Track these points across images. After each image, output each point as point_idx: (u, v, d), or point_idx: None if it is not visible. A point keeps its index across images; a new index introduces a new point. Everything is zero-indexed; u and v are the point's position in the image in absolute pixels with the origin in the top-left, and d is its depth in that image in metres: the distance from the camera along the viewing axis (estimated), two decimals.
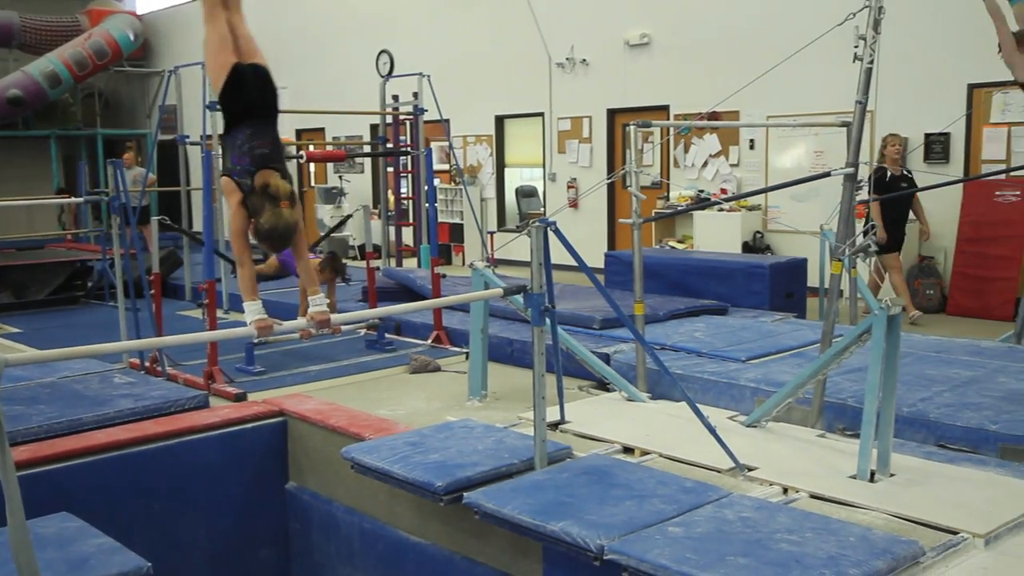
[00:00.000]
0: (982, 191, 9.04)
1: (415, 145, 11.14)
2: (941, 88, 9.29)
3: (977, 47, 8.88)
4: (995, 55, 7.81)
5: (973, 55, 8.95)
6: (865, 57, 4.58)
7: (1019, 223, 8.81)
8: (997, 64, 8.36)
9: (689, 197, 11.21)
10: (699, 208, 10.75)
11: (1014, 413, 4.71)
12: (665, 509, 3.68)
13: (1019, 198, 8.82)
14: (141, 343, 5.65)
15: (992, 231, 8.96)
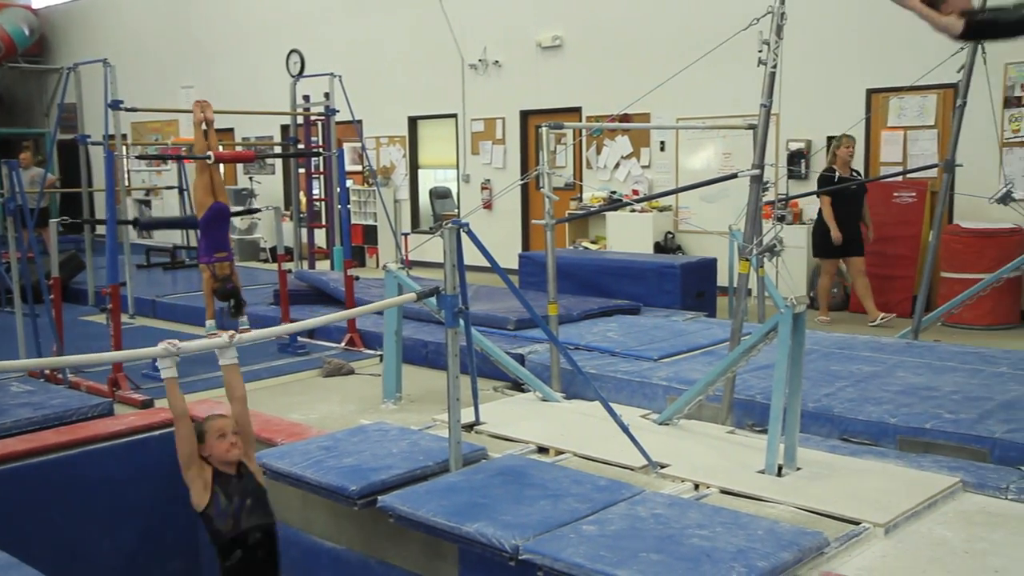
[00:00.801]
0: (881, 192, 9.35)
1: (327, 146, 10.98)
2: (841, 93, 9.59)
3: (874, 54, 9.21)
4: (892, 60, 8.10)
5: (871, 61, 9.27)
6: (769, 62, 4.70)
7: (916, 223, 9.15)
8: (894, 70, 8.69)
9: (602, 198, 11.33)
10: (611, 209, 10.87)
11: (912, 406, 4.89)
12: (579, 508, 3.71)
13: (915, 199, 9.16)
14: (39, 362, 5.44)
15: (891, 231, 9.28)
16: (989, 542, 3.53)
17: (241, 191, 15.45)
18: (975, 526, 3.68)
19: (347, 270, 7.35)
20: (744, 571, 3.13)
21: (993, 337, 7.77)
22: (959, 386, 5.27)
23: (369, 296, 7.59)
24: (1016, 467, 4.23)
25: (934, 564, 3.37)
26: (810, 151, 9.88)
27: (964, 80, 6.78)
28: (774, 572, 3.18)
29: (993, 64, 7.04)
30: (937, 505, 3.89)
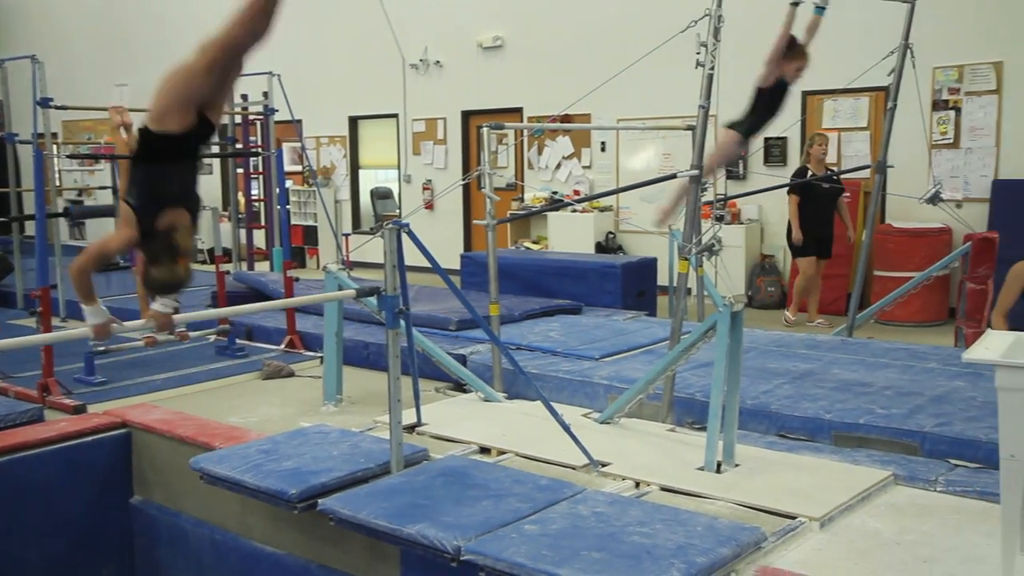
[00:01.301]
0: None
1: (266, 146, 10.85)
2: None
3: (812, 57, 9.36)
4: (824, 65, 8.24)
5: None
6: (706, 63, 4.76)
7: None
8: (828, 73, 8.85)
9: (543, 198, 11.37)
10: (553, 209, 10.92)
11: (846, 402, 4.99)
12: (521, 507, 3.71)
13: (849, 199, 9.33)
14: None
15: None
16: (919, 533, 3.62)
17: None
18: (906, 518, 3.77)
19: (287, 271, 7.27)
20: (684, 567, 3.16)
21: (923, 334, 7.96)
22: (891, 382, 5.39)
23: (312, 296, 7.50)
24: (945, 460, 4.34)
25: (866, 556, 3.45)
26: (748, 152, 10.01)
27: (894, 83, 6.94)
28: (713, 568, 3.22)
29: (922, 68, 7.23)
30: (870, 498, 3.97)
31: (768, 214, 10.09)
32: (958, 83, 8.74)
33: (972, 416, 4.65)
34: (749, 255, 9.94)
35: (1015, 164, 8.51)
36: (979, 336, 3.55)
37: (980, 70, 8.58)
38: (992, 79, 8.55)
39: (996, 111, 8.59)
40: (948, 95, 8.82)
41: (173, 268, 3.63)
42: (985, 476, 4.04)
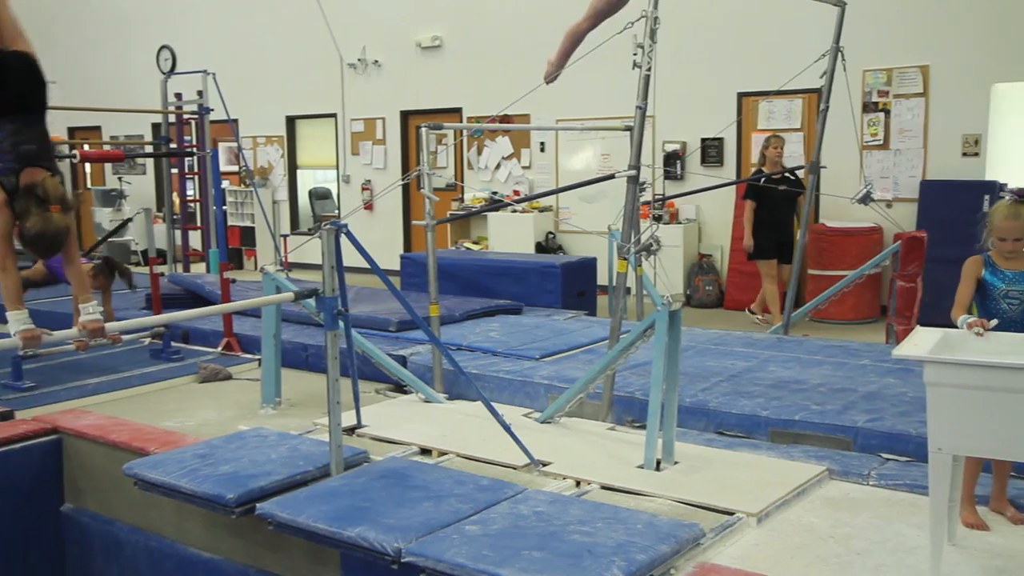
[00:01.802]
0: None
1: (201, 146, 10.70)
2: (714, 96, 9.88)
3: (745, 58, 9.52)
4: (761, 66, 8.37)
5: (742, 66, 9.58)
6: (643, 65, 4.80)
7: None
8: (763, 74, 8.99)
9: (483, 199, 11.37)
10: (493, 209, 10.92)
11: (782, 399, 5.07)
12: (462, 508, 3.71)
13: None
14: None
15: None
16: (852, 527, 3.69)
17: (110, 192, 14.89)
18: (840, 511, 3.85)
19: (223, 272, 7.16)
20: (624, 565, 3.18)
21: (856, 331, 8.13)
22: (825, 379, 5.50)
23: (247, 299, 7.40)
24: (877, 454, 4.44)
25: (802, 550, 3.51)
26: (685, 152, 10.14)
27: (826, 86, 7.08)
28: (652, 565, 3.25)
29: (852, 71, 7.39)
30: (806, 493, 4.05)
31: (706, 214, 10.22)
32: (887, 86, 8.95)
33: (903, 411, 4.76)
34: (687, 254, 10.07)
35: (941, 165, 8.75)
36: (909, 333, 3.64)
37: (908, 73, 8.80)
38: (919, 82, 8.77)
39: (923, 113, 8.82)
40: (878, 97, 9.03)
41: (46, 216, 3.66)
42: (915, 469, 4.14)
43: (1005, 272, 3.64)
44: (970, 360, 3.21)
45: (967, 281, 3.68)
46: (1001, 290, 3.63)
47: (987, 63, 8.39)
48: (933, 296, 7.55)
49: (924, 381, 3.20)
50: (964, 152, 8.64)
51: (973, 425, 3.14)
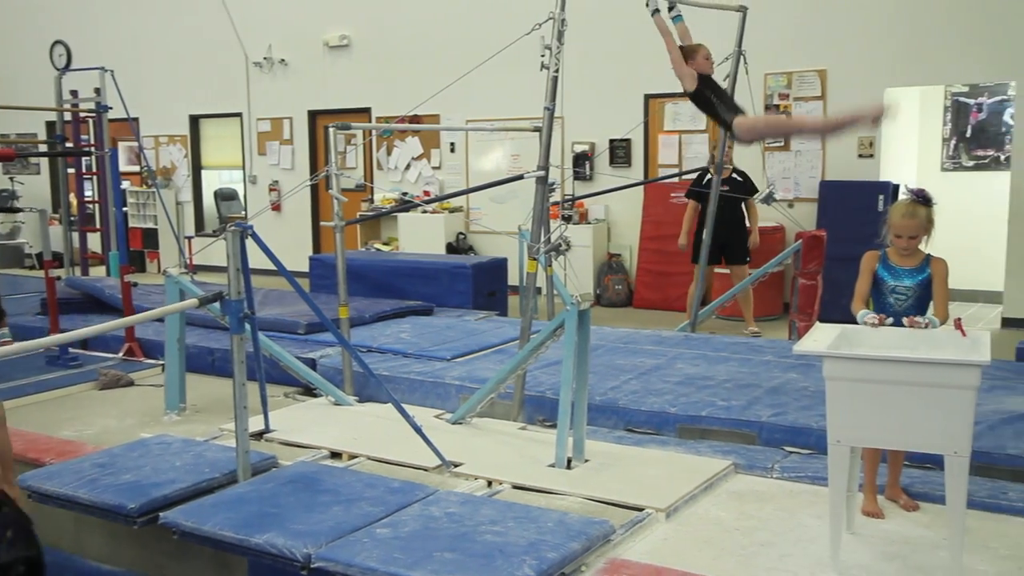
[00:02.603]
0: (659, 193, 9.85)
1: (99, 145, 10.34)
2: (622, 97, 10.01)
3: (651, 60, 9.65)
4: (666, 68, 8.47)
5: (648, 67, 9.71)
6: (551, 66, 4.83)
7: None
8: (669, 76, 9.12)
9: (393, 199, 11.30)
10: (403, 210, 10.87)
11: (689, 396, 5.17)
12: (373, 511, 3.67)
13: None
14: None
15: (669, 230, 9.74)
16: (758, 519, 3.78)
17: (1, 192, 14.30)
18: (746, 504, 3.94)
19: (124, 276, 6.95)
20: (535, 563, 3.20)
21: (760, 328, 8.33)
22: (731, 375, 5.62)
23: (149, 303, 7.21)
24: (780, 448, 4.56)
25: (709, 543, 3.58)
26: (594, 153, 10.25)
27: (729, 88, 7.22)
28: (564, 562, 3.27)
29: (754, 74, 7.56)
30: (713, 487, 4.13)
31: (615, 214, 10.35)
32: (788, 89, 9.20)
33: (805, 405, 4.90)
34: (597, 254, 10.17)
35: (839, 166, 9.03)
36: (810, 329, 3.74)
37: (807, 77, 9.06)
38: (817, 86, 9.04)
39: (821, 116, 9.09)
40: (779, 100, 9.27)
41: None
42: (816, 461, 4.26)
43: (896, 268, 3.77)
44: (864, 355, 3.32)
45: (864, 275, 3.81)
46: (890, 285, 3.77)
47: (880, 68, 8.69)
48: (833, 293, 7.79)
49: (823, 375, 3.30)
50: (860, 154, 8.93)
51: (869, 417, 3.25)
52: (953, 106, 9.99)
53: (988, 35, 8.20)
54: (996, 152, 9.79)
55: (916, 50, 8.52)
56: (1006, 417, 4.60)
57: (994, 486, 3.97)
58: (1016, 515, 3.74)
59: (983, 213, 9.25)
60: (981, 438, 4.24)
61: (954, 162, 10.07)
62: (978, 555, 3.38)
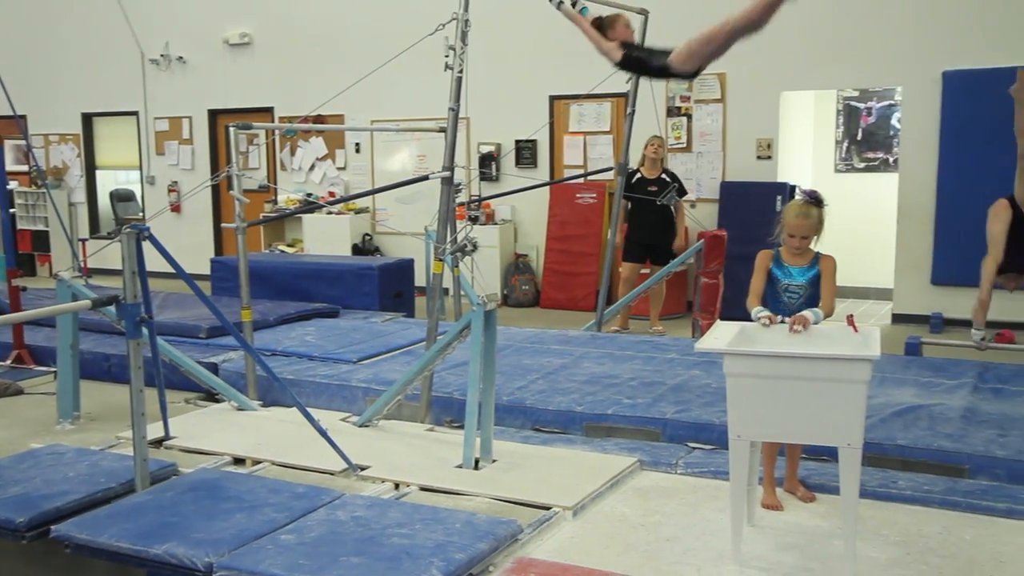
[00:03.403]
0: (565, 194, 9.93)
1: None
2: (527, 98, 10.06)
3: (556, 62, 9.75)
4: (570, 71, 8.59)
5: (553, 69, 9.80)
6: (455, 67, 4.83)
7: (596, 222, 9.80)
8: (573, 78, 9.23)
9: (297, 200, 11.14)
10: (307, 211, 10.71)
11: (596, 394, 5.23)
12: (277, 517, 3.61)
13: (595, 200, 9.81)
14: None
15: (575, 230, 9.88)
16: (662, 514, 3.85)
17: None
18: (650, 500, 4.00)
19: (11, 280, 6.67)
20: (443, 565, 3.19)
21: (665, 326, 8.47)
22: (636, 373, 5.71)
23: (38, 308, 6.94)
24: (684, 444, 4.65)
25: (615, 539, 3.63)
26: (500, 154, 10.28)
27: (632, 91, 7.35)
28: (471, 563, 3.27)
29: None
30: (619, 484, 4.18)
31: (521, 214, 10.39)
32: (689, 92, 9.38)
33: (707, 402, 5.00)
34: (504, 255, 10.20)
35: (739, 167, 9.26)
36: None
37: (707, 80, 9.26)
38: (717, 89, 9.25)
39: (721, 118, 9.30)
40: (680, 102, 9.45)
41: None
42: (718, 456, 4.36)
43: (789, 267, 3.87)
44: (762, 351, 3.41)
45: (759, 273, 3.92)
46: (783, 284, 3.87)
47: (776, 73, 8.94)
48: (735, 291, 7.93)
49: (724, 372, 3.37)
50: (759, 155, 9.17)
51: (767, 412, 3.33)
52: (845, 110, 10.34)
53: (876, 42, 8.52)
54: (885, 155, 10.17)
55: (810, 56, 8.79)
56: (896, 409, 4.79)
57: (885, 476, 4.12)
58: (905, 503, 3.89)
59: (874, 213, 9.60)
60: (873, 430, 4.42)
61: (846, 164, 10.42)
62: (870, 543, 3.51)
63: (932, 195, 8.40)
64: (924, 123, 8.40)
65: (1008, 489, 3.97)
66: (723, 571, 3.34)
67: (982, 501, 3.84)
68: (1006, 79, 7.78)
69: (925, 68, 8.33)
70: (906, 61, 8.43)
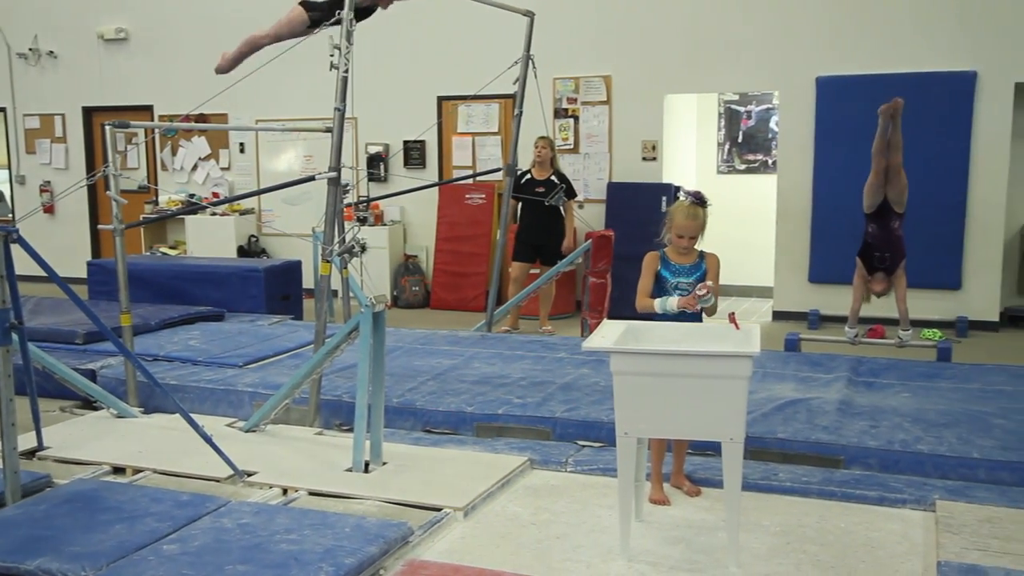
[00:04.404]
0: (454, 194, 9.93)
1: None
2: (415, 99, 10.01)
3: (443, 63, 9.74)
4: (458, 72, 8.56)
5: (441, 70, 9.78)
6: (340, 66, 4.77)
7: (485, 223, 9.83)
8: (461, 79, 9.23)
9: (179, 201, 10.82)
10: (189, 212, 10.42)
11: (486, 395, 5.24)
12: (159, 527, 3.50)
13: (485, 200, 9.84)
14: None
15: (464, 231, 9.89)
16: (552, 512, 3.89)
17: None
18: (541, 499, 4.04)
19: None
20: (332, 570, 3.15)
21: (554, 326, 8.56)
22: (526, 372, 5.75)
23: None
24: (574, 442, 4.71)
25: (506, 539, 3.65)
26: (388, 154, 10.21)
27: (519, 92, 7.39)
28: (361, 567, 3.24)
29: (544, 79, 7.79)
30: (509, 484, 4.21)
31: (410, 215, 10.34)
32: (575, 93, 9.50)
33: (596, 400, 5.08)
34: (393, 256, 10.14)
35: (624, 168, 9.42)
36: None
37: (593, 82, 9.40)
38: (603, 91, 9.39)
39: (607, 120, 9.45)
40: (567, 104, 9.56)
41: None
42: (607, 453, 4.43)
43: (676, 266, 4.00)
44: (646, 349, 3.48)
45: (648, 275, 4.02)
46: (672, 282, 3.99)
47: (660, 75, 9.14)
48: (623, 290, 8.11)
49: (611, 370, 3.43)
50: (644, 157, 9.36)
51: (653, 409, 3.41)
52: (726, 113, 10.64)
53: (755, 48, 8.79)
54: (764, 157, 10.51)
55: (692, 60, 9.02)
56: (777, 404, 4.96)
57: (766, 468, 4.26)
58: (785, 494, 4.03)
59: (755, 214, 9.91)
60: (754, 424, 4.56)
61: (728, 165, 10.73)
62: (753, 534, 3.62)
63: (808, 196, 8.72)
64: (800, 127, 8.72)
65: (879, 477, 4.16)
66: (612, 566, 3.40)
67: (856, 490, 4.01)
68: (874, 85, 8.19)
69: (800, 74, 8.65)
70: (782, 67, 8.73)
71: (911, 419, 4.72)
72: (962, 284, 8.31)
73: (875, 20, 8.42)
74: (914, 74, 8.18)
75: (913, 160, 8.24)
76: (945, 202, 8.20)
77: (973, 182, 8.21)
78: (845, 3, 8.51)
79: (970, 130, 8.16)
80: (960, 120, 8.16)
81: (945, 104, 8.15)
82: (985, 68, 8.10)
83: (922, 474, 4.20)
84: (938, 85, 8.14)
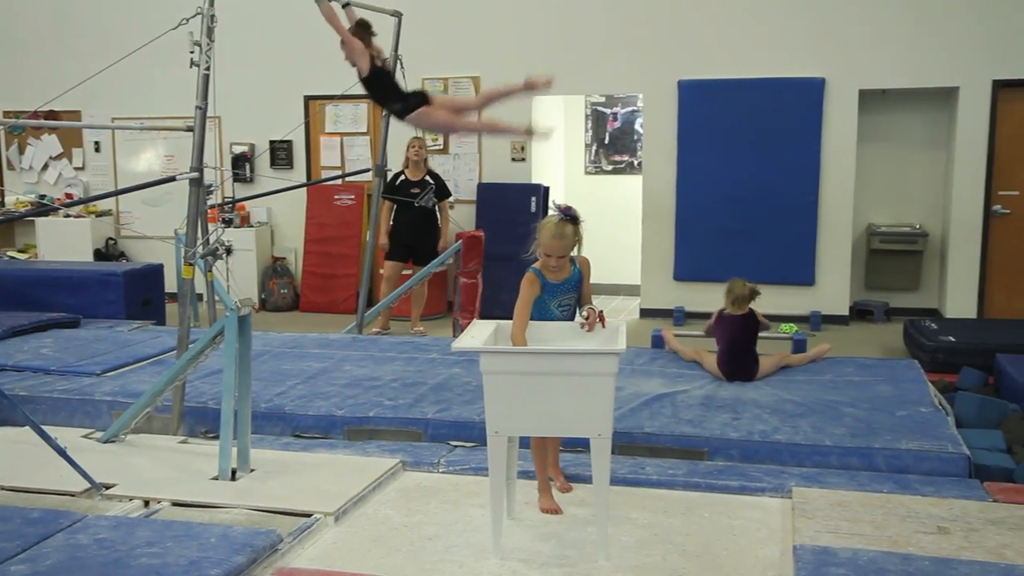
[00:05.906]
0: (323, 195, 9.79)
1: None
2: (282, 98, 9.82)
3: (310, 62, 9.58)
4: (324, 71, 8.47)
5: (307, 69, 9.62)
6: (201, 64, 4.64)
7: (355, 224, 9.72)
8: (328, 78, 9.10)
9: (28, 203, 10.29)
10: (40, 214, 9.95)
11: (357, 397, 5.19)
12: (6, 547, 3.31)
13: (354, 201, 9.73)
14: None
15: (334, 232, 9.76)
16: (424, 513, 3.88)
17: None
18: (413, 501, 4.02)
19: None
20: None
21: (427, 326, 8.54)
22: (398, 374, 5.72)
23: None
24: (446, 443, 4.71)
25: (378, 542, 3.62)
26: (254, 154, 9.98)
27: None
28: None
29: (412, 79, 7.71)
30: (381, 486, 4.17)
31: (278, 216, 10.14)
32: (443, 93, 9.50)
33: (468, 400, 5.09)
34: (261, 258, 9.92)
35: (495, 169, 9.48)
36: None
37: (462, 83, 9.42)
38: (472, 92, 9.42)
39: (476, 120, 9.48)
40: None
41: None
42: (479, 453, 4.45)
43: (554, 284, 3.87)
44: (515, 348, 3.52)
45: (524, 306, 3.76)
46: (555, 301, 3.89)
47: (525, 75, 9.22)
48: (493, 290, 8.18)
49: (481, 370, 3.45)
50: (513, 157, 9.44)
51: (522, 407, 3.44)
52: (593, 115, 10.84)
53: (620, 51, 8.99)
54: (630, 158, 10.76)
55: (559, 62, 9.12)
56: (644, 399, 5.08)
57: (634, 462, 4.37)
58: (653, 487, 4.14)
59: (622, 214, 10.14)
60: (622, 420, 4.67)
61: (596, 166, 10.94)
62: (621, 527, 3.71)
63: (672, 196, 8.97)
64: (663, 128, 8.96)
65: (740, 468, 4.32)
66: (485, 565, 3.42)
67: (718, 480, 4.15)
68: (732, 89, 8.52)
69: (662, 77, 8.89)
70: (646, 70, 8.96)
71: (769, 410, 4.93)
72: (815, 280, 8.71)
73: (733, 28, 8.74)
74: (769, 79, 8.54)
75: (769, 162, 8.64)
76: (799, 202, 8.58)
77: (824, 183, 8.62)
78: (706, 11, 8.80)
79: (820, 134, 8.57)
80: (811, 124, 8.56)
81: (797, 109, 8.54)
82: (832, 75, 8.52)
83: (780, 463, 4.38)
84: (790, 90, 8.53)
